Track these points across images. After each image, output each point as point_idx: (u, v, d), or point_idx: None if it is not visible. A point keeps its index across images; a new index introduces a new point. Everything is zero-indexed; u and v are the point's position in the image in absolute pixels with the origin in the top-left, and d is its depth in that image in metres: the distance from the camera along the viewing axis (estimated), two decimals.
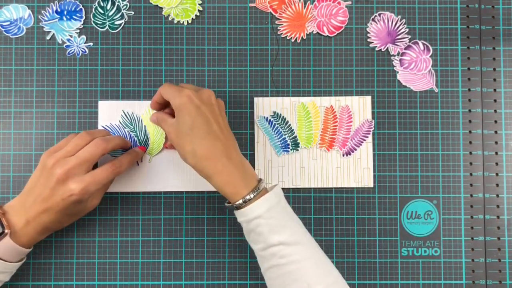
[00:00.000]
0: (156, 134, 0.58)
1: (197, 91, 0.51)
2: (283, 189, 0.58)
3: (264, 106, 0.59)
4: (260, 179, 0.51)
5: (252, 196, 0.48)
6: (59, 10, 0.59)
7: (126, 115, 0.59)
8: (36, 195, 0.50)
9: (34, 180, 0.51)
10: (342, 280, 0.48)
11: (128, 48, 0.60)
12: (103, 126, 0.58)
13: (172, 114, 0.53)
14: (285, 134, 0.59)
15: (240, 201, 0.48)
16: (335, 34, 0.60)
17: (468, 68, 0.60)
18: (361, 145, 0.59)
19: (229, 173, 0.49)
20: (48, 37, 0.59)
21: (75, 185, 0.49)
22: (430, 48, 0.60)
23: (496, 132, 0.60)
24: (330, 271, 0.48)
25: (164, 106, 0.56)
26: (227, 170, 0.49)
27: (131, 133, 0.58)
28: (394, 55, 0.60)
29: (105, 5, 0.60)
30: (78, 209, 0.52)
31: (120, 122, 0.59)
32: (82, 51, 0.59)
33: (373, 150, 0.59)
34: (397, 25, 0.60)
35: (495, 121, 0.60)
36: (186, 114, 0.49)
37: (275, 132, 0.59)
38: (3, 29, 0.59)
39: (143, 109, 0.59)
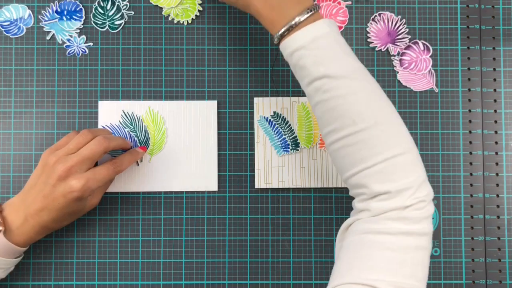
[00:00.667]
0: (157, 134, 0.58)
1: None
2: (282, 189, 0.59)
3: (264, 106, 0.59)
4: (314, 6, 0.44)
5: (294, 22, 0.43)
6: (59, 10, 0.59)
7: (126, 115, 0.59)
8: (36, 192, 0.50)
9: (35, 178, 0.51)
10: (397, 117, 0.43)
11: (128, 48, 0.60)
12: (103, 126, 0.58)
13: None
14: (285, 134, 0.59)
15: (282, 31, 0.43)
16: None
17: (468, 68, 0.60)
18: None
19: None
20: (48, 37, 0.59)
21: (76, 181, 0.49)
22: (430, 48, 0.60)
23: (496, 132, 0.60)
24: (383, 107, 0.43)
25: None
26: None
27: (131, 133, 0.58)
28: (394, 55, 0.60)
29: (105, 5, 0.60)
30: (78, 207, 0.52)
31: (120, 122, 0.59)
32: (82, 51, 0.59)
33: None
34: (397, 25, 0.60)
35: (495, 121, 0.60)
36: None
37: (275, 132, 0.59)
38: (3, 29, 0.59)
39: (143, 109, 0.59)
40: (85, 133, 0.52)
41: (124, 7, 0.60)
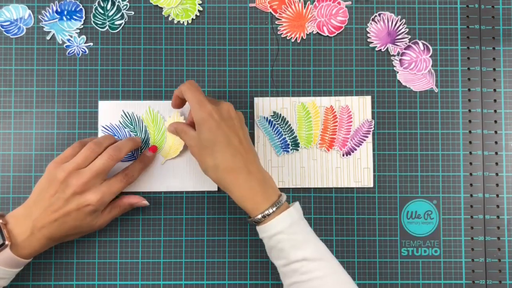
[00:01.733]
0: (157, 134, 0.58)
1: (217, 105, 0.51)
2: (283, 189, 0.59)
3: (264, 106, 0.59)
4: (281, 194, 0.50)
5: (272, 210, 0.48)
6: (59, 10, 0.59)
7: (126, 115, 0.59)
8: (45, 206, 0.49)
9: (41, 192, 0.50)
10: None
11: (128, 48, 0.60)
12: (103, 126, 0.58)
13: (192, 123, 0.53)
14: (285, 134, 0.59)
15: (260, 216, 0.48)
16: (335, 34, 0.60)
17: (468, 68, 0.60)
18: (361, 145, 0.59)
19: (250, 187, 0.49)
20: (48, 37, 0.59)
21: (92, 195, 0.50)
22: (430, 48, 0.60)
23: (496, 132, 0.60)
24: (350, 283, 0.48)
25: (184, 102, 0.55)
26: (248, 184, 0.49)
27: (131, 133, 0.58)
28: (394, 55, 0.60)
29: (105, 5, 0.60)
30: (89, 222, 0.51)
31: (120, 122, 0.59)
32: (82, 51, 0.60)
33: (373, 150, 0.59)
34: (397, 25, 0.60)
35: (495, 121, 0.60)
36: (207, 130, 0.49)
37: (275, 132, 0.59)
38: (3, 29, 0.59)
39: (143, 109, 0.59)
40: (91, 147, 0.52)
41: (124, 7, 0.60)
